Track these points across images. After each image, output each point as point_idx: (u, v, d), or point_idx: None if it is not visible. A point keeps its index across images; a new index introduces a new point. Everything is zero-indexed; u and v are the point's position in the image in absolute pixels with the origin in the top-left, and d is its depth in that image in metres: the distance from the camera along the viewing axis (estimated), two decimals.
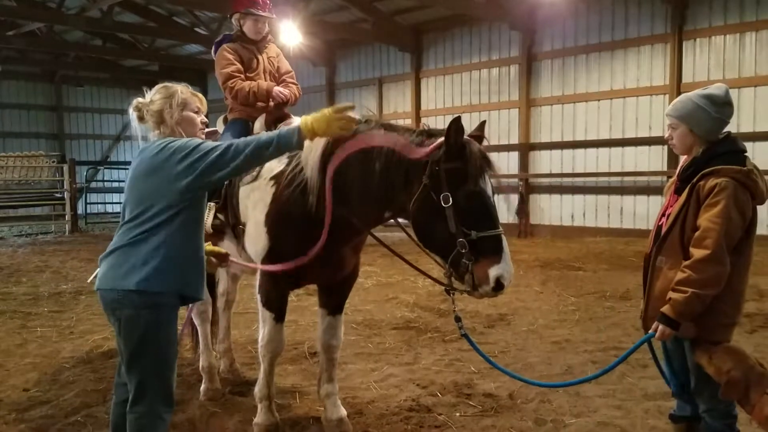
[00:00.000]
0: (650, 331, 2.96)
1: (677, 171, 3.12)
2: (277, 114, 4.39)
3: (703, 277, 2.78)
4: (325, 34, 16.47)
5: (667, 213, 3.06)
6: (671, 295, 2.86)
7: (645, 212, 12.96)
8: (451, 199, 3.13)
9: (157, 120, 3.05)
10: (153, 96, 3.09)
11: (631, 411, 4.24)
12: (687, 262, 2.83)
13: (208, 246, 3.28)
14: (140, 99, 3.10)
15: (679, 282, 2.83)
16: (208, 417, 4.29)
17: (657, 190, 12.70)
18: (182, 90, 3.10)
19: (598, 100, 13.57)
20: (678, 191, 3.03)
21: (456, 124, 3.16)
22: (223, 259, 3.52)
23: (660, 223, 3.11)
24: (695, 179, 2.90)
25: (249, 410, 4.24)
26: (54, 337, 6.39)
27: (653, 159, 12.83)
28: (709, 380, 2.95)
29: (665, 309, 2.86)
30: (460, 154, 3.17)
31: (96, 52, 21.16)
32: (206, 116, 3.19)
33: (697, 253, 2.81)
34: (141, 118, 3.08)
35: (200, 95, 3.20)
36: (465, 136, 3.23)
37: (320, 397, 4.17)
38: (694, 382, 3.03)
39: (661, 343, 3.08)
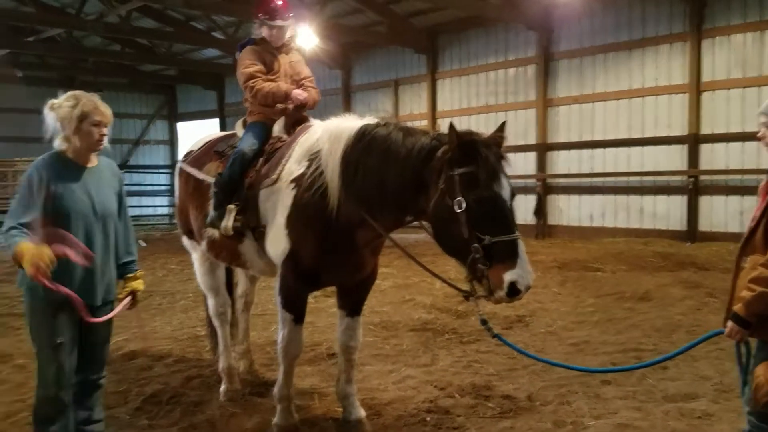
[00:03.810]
0: (721, 328, 2.92)
1: None
2: (296, 116, 4.42)
3: None
4: (341, 37, 16.50)
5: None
6: (743, 293, 2.83)
7: (665, 212, 12.82)
8: (464, 204, 3.14)
9: (60, 126, 3.30)
10: (62, 102, 3.32)
11: (651, 413, 4.20)
12: (763, 260, 2.81)
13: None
14: (53, 100, 3.34)
15: (751, 279, 2.81)
16: (228, 417, 4.32)
17: (677, 190, 12.57)
18: (86, 102, 3.28)
19: (617, 100, 13.45)
20: None
21: (452, 130, 3.20)
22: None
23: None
24: None
25: (268, 411, 4.26)
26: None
27: (672, 158, 12.69)
28: None
29: (737, 308, 2.84)
30: (472, 159, 3.18)
31: (114, 58, 21.36)
32: (223, 119, 3.26)
33: None
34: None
35: (104, 109, 3.35)
36: (480, 139, 3.25)
37: (339, 398, 4.19)
38: None
39: (735, 345, 3.01)
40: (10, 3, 17.00)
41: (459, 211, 3.16)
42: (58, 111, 3.30)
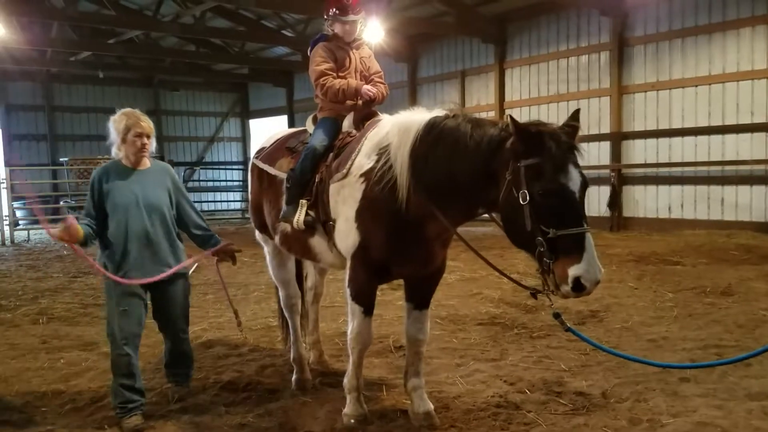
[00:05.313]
0: None
1: None
2: (365, 112, 4.46)
3: None
4: (408, 29, 16.48)
5: None
6: None
7: (747, 203, 12.21)
8: (528, 196, 3.10)
9: (115, 137, 4.18)
10: (116, 117, 4.17)
11: (732, 411, 4.03)
12: None
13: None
14: (113, 116, 4.18)
15: None
16: (301, 406, 4.42)
17: (760, 180, 11.94)
18: (129, 117, 4.15)
19: (696, 86, 12.88)
20: None
21: (513, 122, 3.16)
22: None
23: None
24: None
25: (338, 400, 4.33)
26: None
27: (756, 147, 12.06)
28: None
29: None
30: (537, 150, 3.12)
31: (190, 57, 22.13)
32: (292, 115, 3.39)
33: None
34: None
35: (145, 123, 4.19)
36: (545, 129, 3.18)
37: (407, 390, 4.21)
38: None
39: None
40: (92, 6, 17.87)
41: (524, 203, 3.13)
42: (113, 124, 4.17)
